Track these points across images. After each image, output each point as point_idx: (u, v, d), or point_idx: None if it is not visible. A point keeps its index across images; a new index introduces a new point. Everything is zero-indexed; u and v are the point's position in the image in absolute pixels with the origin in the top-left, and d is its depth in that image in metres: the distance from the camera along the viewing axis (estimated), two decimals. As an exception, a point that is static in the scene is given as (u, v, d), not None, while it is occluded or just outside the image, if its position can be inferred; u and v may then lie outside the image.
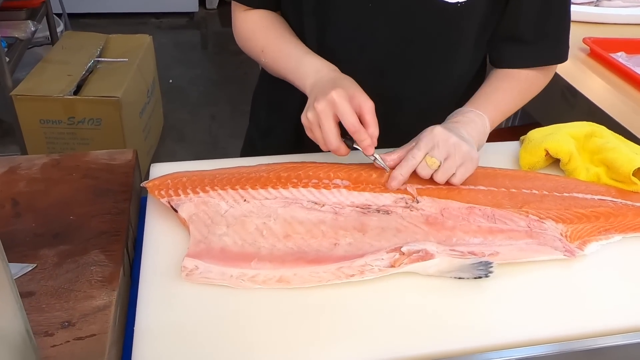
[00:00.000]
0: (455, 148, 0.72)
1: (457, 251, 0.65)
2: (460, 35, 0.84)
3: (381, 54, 0.84)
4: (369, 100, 0.71)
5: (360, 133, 0.70)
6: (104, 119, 2.00)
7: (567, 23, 0.88)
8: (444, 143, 0.72)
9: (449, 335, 0.59)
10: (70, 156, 0.77)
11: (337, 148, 0.71)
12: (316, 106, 0.70)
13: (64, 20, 2.95)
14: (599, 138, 0.85)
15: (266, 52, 0.86)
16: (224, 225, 0.66)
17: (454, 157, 0.72)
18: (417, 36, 0.83)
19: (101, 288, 0.58)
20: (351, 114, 0.70)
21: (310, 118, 0.72)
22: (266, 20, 0.87)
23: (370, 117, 0.71)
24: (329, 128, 0.70)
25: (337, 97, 0.69)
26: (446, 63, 0.87)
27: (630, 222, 0.74)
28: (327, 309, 0.61)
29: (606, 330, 0.62)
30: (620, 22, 1.72)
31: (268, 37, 0.86)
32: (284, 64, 0.83)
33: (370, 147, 0.72)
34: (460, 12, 0.80)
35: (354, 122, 0.70)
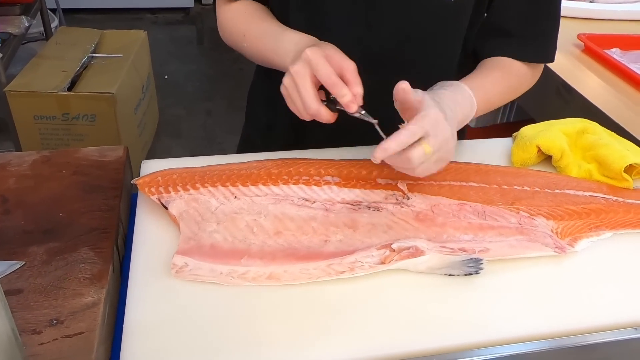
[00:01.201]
0: (447, 143, 0.67)
1: (448, 248, 0.65)
2: (454, 31, 0.84)
3: (374, 50, 0.83)
4: (349, 60, 0.67)
5: (338, 87, 0.65)
6: (99, 114, 1.99)
7: (555, 24, 0.87)
8: (442, 135, 0.66)
9: (439, 332, 0.59)
10: (60, 153, 0.77)
11: (317, 111, 0.66)
12: (291, 69, 0.66)
13: (59, 15, 2.94)
14: (591, 135, 0.85)
15: (247, 37, 0.83)
16: (214, 222, 0.66)
17: (439, 153, 0.66)
18: (412, 32, 0.82)
19: (90, 285, 0.58)
20: (326, 67, 0.65)
21: (287, 84, 0.67)
22: (248, 7, 0.85)
23: (352, 76, 0.66)
24: (305, 89, 0.65)
25: (312, 53, 0.65)
26: (441, 58, 0.87)
27: (621, 219, 0.74)
28: (317, 305, 0.61)
29: (597, 326, 0.62)
30: (615, 18, 1.72)
31: (249, 21, 0.84)
32: (263, 45, 0.80)
33: (352, 104, 0.66)
34: (454, 9, 0.80)
35: (330, 75, 0.64)
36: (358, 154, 0.80)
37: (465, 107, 0.75)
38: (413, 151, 0.63)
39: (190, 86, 3.05)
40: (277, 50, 0.76)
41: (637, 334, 0.61)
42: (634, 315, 0.63)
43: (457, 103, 0.73)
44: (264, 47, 0.80)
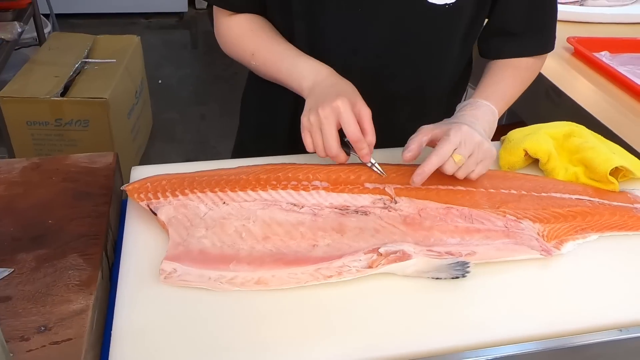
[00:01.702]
0: (479, 146, 0.74)
1: (434, 251, 0.66)
2: (449, 35, 0.85)
3: (373, 56, 0.84)
4: (367, 108, 0.73)
5: (361, 142, 0.72)
6: (92, 120, 2.00)
7: (554, 13, 0.91)
8: (470, 141, 0.73)
9: (427, 335, 0.60)
10: (50, 160, 0.77)
11: (337, 154, 0.73)
12: (320, 112, 0.72)
13: (52, 21, 2.93)
14: (578, 138, 0.86)
15: (257, 56, 0.85)
16: (203, 228, 0.67)
17: (476, 155, 0.74)
18: (408, 38, 0.84)
19: (78, 292, 0.59)
20: (354, 123, 0.71)
21: (312, 122, 0.73)
22: (253, 24, 0.87)
23: (369, 125, 0.73)
24: (330, 134, 0.72)
25: (342, 105, 0.71)
26: (437, 62, 0.88)
27: (606, 221, 0.74)
28: (305, 310, 0.61)
29: (583, 328, 0.62)
30: (605, 22, 1.73)
31: (257, 40, 0.86)
32: (276, 67, 0.84)
33: (368, 155, 0.74)
34: (449, 13, 0.81)
35: (356, 131, 0.72)
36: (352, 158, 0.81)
37: (487, 118, 0.81)
38: (445, 165, 0.73)
39: (184, 90, 3.06)
40: (291, 74, 0.81)
41: (622, 335, 0.61)
42: (618, 316, 0.64)
43: (477, 118, 0.80)
44: (277, 69, 0.83)
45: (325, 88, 0.75)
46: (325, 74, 0.78)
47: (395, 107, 0.90)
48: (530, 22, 0.88)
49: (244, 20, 0.87)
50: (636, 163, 0.86)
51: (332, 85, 0.75)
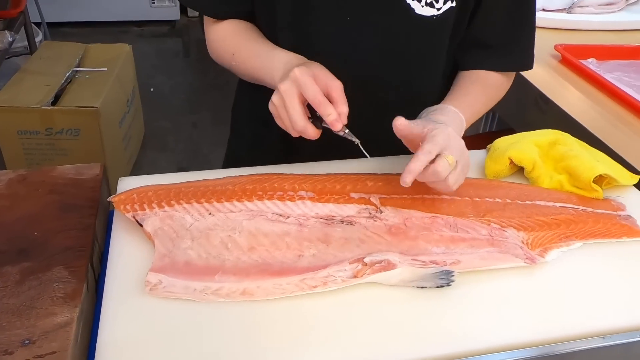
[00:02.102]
0: (463, 153, 0.72)
1: (419, 261, 0.66)
2: (436, 45, 0.86)
3: (361, 66, 0.85)
4: (336, 80, 0.70)
5: (324, 106, 0.68)
6: (83, 129, 1.99)
7: (532, 32, 0.91)
8: (457, 145, 0.71)
9: (412, 344, 0.60)
10: (36, 172, 0.77)
11: (304, 128, 0.70)
12: (280, 87, 0.69)
13: (43, 29, 2.94)
14: (563, 146, 0.87)
15: (236, 56, 0.86)
16: (188, 239, 0.67)
17: (461, 161, 0.71)
18: (397, 47, 0.84)
19: (63, 305, 0.59)
20: (313, 87, 0.68)
21: (275, 102, 0.71)
22: (236, 27, 0.87)
23: (338, 95, 0.70)
24: (293, 107, 0.69)
25: (300, 73, 0.68)
26: (426, 71, 0.89)
27: (590, 229, 0.75)
28: (291, 321, 0.61)
29: (567, 335, 0.63)
30: (593, 29, 1.75)
31: (238, 41, 0.86)
32: (252, 63, 0.83)
33: (337, 123, 0.70)
34: (435, 24, 0.82)
35: (317, 94, 0.68)
36: (343, 167, 0.82)
37: (456, 125, 0.79)
38: (437, 164, 0.68)
39: (176, 99, 3.06)
40: (266, 69, 0.79)
41: (605, 342, 0.62)
42: (602, 323, 0.64)
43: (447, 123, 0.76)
44: (253, 65, 0.83)
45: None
46: (295, 63, 0.76)
47: (386, 116, 0.90)
48: (508, 37, 0.89)
49: (228, 24, 0.88)
50: (620, 171, 0.87)
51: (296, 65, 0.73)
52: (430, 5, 0.80)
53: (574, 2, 1.81)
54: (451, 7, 0.80)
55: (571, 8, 1.81)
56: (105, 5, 3.64)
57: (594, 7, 1.84)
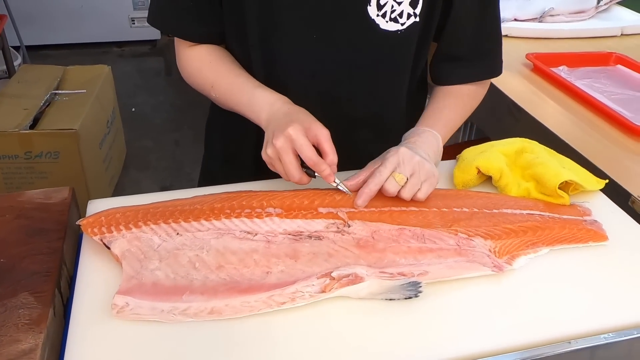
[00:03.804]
0: (420, 165, 0.76)
1: (387, 273, 0.67)
2: (401, 60, 0.88)
3: (329, 81, 0.86)
4: (324, 129, 0.74)
5: (319, 165, 0.73)
6: (62, 151, 1.99)
7: (499, 40, 0.94)
8: (409, 161, 0.76)
9: (382, 356, 0.60)
10: (4, 197, 0.77)
11: (300, 179, 0.74)
12: (275, 143, 0.73)
13: (22, 53, 2.93)
14: (530, 153, 0.88)
15: (216, 88, 0.87)
16: (156, 260, 0.67)
17: (419, 173, 0.76)
18: (363, 62, 0.86)
19: (28, 331, 0.58)
20: (309, 148, 0.72)
21: (270, 154, 0.74)
22: (212, 55, 0.88)
23: (328, 146, 0.74)
24: (289, 162, 0.73)
25: (294, 132, 0.72)
26: (392, 85, 0.91)
27: (556, 235, 0.76)
28: (261, 338, 0.61)
29: (534, 341, 0.63)
30: (564, 37, 1.78)
31: (216, 72, 0.87)
32: (235, 99, 0.85)
33: (330, 175, 0.75)
34: (400, 39, 0.84)
35: (312, 155, 0.73)
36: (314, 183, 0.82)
37: (430, 143, 0.83)
38: (386, 185, 0.76)
39: (157, 117, 3.06)
40: (249, 106, 0.82)
41: (571, 347, 0.63)
42: (568, 328, 0.65)
43: (419, 144, 0.82)
44: (235, 101, 0.85)
45: (279, 118, 0.76)
46: (279, 105, 0.80)
47: (355, 130, 0.92)
48: (477, 49, 0.91)
49: (204, 52, 0.88)
50: (587, 176, 0.88)
51: (285, 115, 0.77)
52: (395, 20, 0.81)
53: (545, 11, 1.84)
54: (415, 22, 0.82)
55: (542, 17, 1.85)
56: (84, 27, 3.65)
57: (564, 16, 1.88)
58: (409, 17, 0.82)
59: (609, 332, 0.64)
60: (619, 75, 1.53)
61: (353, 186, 0.78)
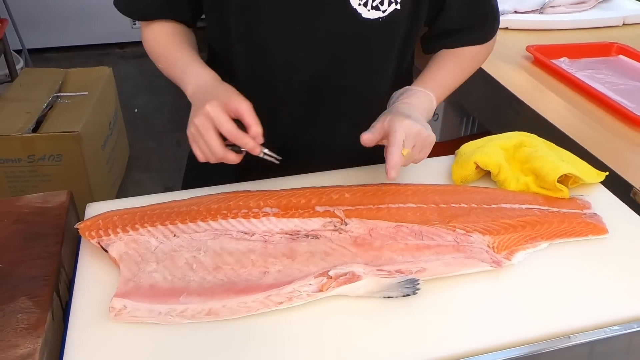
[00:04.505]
0: (420, 136, 0.76)
1: (384, 271, 0.67)
2: (385, 47, 0.88)
3: (314, 72, 0.87)
4: (245, 102, 0.73)
5: (240, 138, 0.72)
6: (65, 154, 1.99)
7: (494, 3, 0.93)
8: (412, 134, 0.76)
9: (381, 354, 0.60)
10: (2, 202, 0.77)
11: (224, 155, 0.73)
12: (195, 121, 0.73)
13: (24, 56, 2.94)
14: (529, 147, 0.88)
15: (161, 60, 0.89)
16: (154, 262, 0.67)
17: (418, 145, 0.77)
18: (347, 53, 0.86)
19: (26, 336, 0.58)
20: (227, 122, 0.72)
21: (193, 132, 0.74)
22: (166, 30, 0.89)
23: (250, 118, 0.73)
24: (210, 139, 0.72)
25: (211, 108, 0.72)
26: (375, 74, 0.91)
27: (555, 229, 0.76)
28: (259, 338, 0.61)
29: (535, 336, 0.63)
30: (565, 28, 1.77)
31: (164, 46, 0.89)
32: (173, 72, 0.86)
33: (255, 148, 0.74)
34: (383, 27, 0.83)
35: (231, 129, 0.72)
36: (310, 181, 0.82)
37: (423, 104, 0.84)
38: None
39: (160, 118, 3.06)
40: (181, 80, 0.83)
41: (570, 342, 0.62)
42: (567, 323, 0.64)
43: (413, 105, 0.82)
44: (173, 73, 0.86)
45: (201, 95, 0.77)
46: (204, 80, 0.80)
47: (339, 120, 0.92)
48: (472, 18, 0.91)
49: (159, 27, 0.90)
50: (586, 169, 0.88)
51: (205, 92, 0.77)
52: (376, 8, 0.81)
53: (545, 3, 1.83)
54: (396, 9, 0.82)
55: (543, 9, 1.83)
56: (86, 29, 3.65)
57: (565, 7, 1.86)
58: (390, 3, 0.81)
59: (609, 326, 0.64)
60: (620, 66, 1.52)
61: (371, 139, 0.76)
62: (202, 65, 0.82)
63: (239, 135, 0.72)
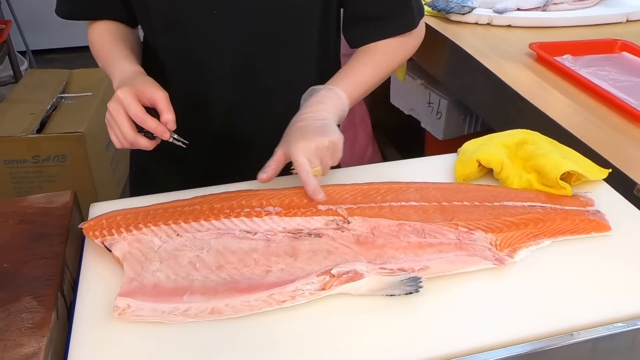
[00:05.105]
0: (320, 148, 0.76)
1: (387, 269, 0.67)
2: (304, 27, 0.89)
3: (238, 55, 0.88)
4: (160, 91, 0.77)
5: (146, 122, 0.75)
6: (69, 155, 2.00)
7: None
8: (312, 151, 0.76)
9: (384, 352, 0.60)
10: (6, 202, 0.78)
11: (134, 139, 0.76)
12: (109, 106, 0.77)
13: (28, 58, 2.96)
14: (531, 145, 0.88)
15: (98, 56, 0.92)
16: (157, 261, 0.67)
17: (325, 155, 0.77)
18: (266, 34, 0.88)
19: (31, 335, 0.59)
20: (135, 106, 0.74)
21: (108, 118, 0.77)
22: (105, 29, 0.94)
23: (162, 105, 0.76)
24: (121, 122, 0.75)
25: (122, 93, 0.75)
26: (298, 53, 0.92)
27: (558, 226, 0.75)
28: (262, 337, 0.61)
29: (538, 334, 0.63)
30: (568, 25, 1.76)
31: (102, 42, 0.92)
32: (106, 66, 0.89)
33: (164, 133, 0.77)
34: (300, 7, 0.85)
35: (138, 112, 0.74)
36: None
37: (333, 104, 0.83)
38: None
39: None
40: (112, 73, 0.86)
41: (573, 339, 0.62)
42: (570, 320, 0.64)
43: (317, 110, 0.81)
44: (107, 68, 0.89)
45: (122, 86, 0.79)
46: (127, 72, 0.82)
47: (269, 102, 0.94)
48: (386, 5, 0.90)
49: (102, 27, 0.94)
50: (589, 166, 0.88)
51: (126, 82, 0.79)
52: None
53: (548, 0, 1.82)
54: None
55: (546, 6, 1.83)
56: (89, 30, 3.66)
57: (568, 4, 1.85)
58: None
59: (612, 323, 0.64)
60: (624, 63, 1.51)
61: (267, 179, 0.78)
62: (131, 61, 0.86)
63: (145, 118, 0.75)
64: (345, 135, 0.81)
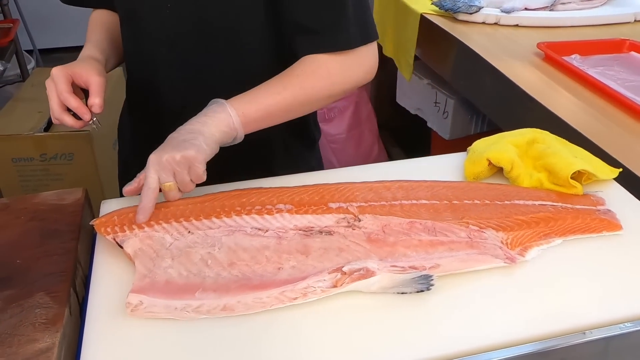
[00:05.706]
0: (171, 163, 0.73)
1: (398, 266, 0.67)
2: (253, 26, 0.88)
3: (188, 50, 0.90)
4: (96, 76, 0.82)
5: (69, 100, 0.80)
6: (76, 153, 2.01)
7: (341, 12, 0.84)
8: (163, 164, 0.73)
9: (395, 350, 0.60)
10: (18, 199, 0.78)
11: (59, 116, 0.82)
12: (46, 82, 0.82)
13: (35, 56, 2.97)
14: (541, 144, 0.88)
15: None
16: (169, 258, 0.68)
17: (179, 169, 0.73)
18: (214, 30, 0.88)
19: (44, 330, 0.59)
20: (62, 83, 0.80)
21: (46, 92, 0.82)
22: (96, 16, 1.01)
23: (93, 88, 0.82)
24: (51, 98, 0.81)
25: (55, 71, 0.81)
26: (248, 52, 0.91)
27: (569, 225, 0.75)
28: (273, 334, 0.62)
29: (550, 332, 0.63)
30: (575, 25, 1.76)
31: (89, 28, 0.99)
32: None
33: (85, 114, 0.82)
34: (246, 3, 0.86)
35: (62, 91, 0.79)
36: (321, 178, 0.82)
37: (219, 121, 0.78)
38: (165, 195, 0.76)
39: (170, 117, 3.07)
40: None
41: (586, 338, 0.62)
42: (582, 319, 0.64)
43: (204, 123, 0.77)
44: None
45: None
46: (81, 56, 0.88)
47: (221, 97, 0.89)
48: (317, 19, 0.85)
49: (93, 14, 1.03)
50: (600, 165, 0.87)
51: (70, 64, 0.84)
52: None
53: (556, 0, 1.82)
54: None
55: (553, 5, 1.82)
56: (96, 29, 3.67)
57: (576, 4, 1.85)
58: None
59: (624, 322, 0.64)
60: (632, 62, 1.51)
61: (130, 192, 0.77)
62: (93, 46, 0.92)
63: (68, 97, 0.80)
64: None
